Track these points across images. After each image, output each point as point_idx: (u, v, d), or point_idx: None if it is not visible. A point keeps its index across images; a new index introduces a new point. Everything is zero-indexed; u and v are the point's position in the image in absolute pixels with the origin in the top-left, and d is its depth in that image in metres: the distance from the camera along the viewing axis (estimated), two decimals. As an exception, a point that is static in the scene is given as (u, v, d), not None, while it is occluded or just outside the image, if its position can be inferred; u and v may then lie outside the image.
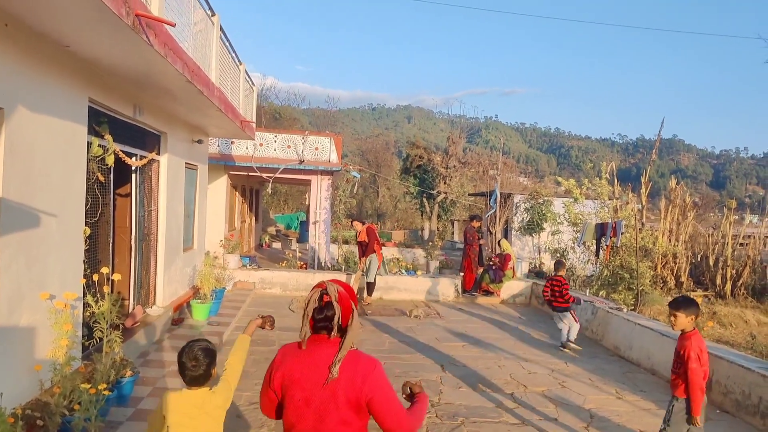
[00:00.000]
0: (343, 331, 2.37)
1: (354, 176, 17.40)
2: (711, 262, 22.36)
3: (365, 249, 12.48)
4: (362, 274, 12.66)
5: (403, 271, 14.51)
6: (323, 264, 15.67)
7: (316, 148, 16.55)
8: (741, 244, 23.68)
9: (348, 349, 2.34)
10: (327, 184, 16.85)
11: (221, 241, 14.92)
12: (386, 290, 13.70)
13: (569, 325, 9.80)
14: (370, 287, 12.69)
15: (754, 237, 24.22)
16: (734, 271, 21.80)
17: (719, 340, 15.04)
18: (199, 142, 11.34)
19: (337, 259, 15.80)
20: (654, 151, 24.46)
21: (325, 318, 2.36)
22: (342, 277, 13.47)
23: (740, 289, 21.49)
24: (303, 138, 16.59)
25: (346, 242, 18.91)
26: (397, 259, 15.70)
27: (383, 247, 16.72)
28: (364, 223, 12.92)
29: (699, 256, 23.38)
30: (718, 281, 21.70)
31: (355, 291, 12.47)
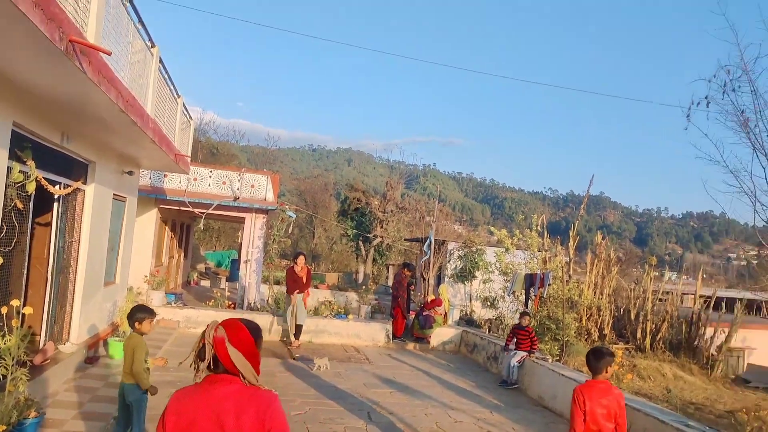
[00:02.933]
0: (236, 371, 2.33)
1: (290, 216, 17.26)
2: (632, 316, 23.17)
3: (298, 285, 12.28)
4: (292, 314, 12.41)
5: (334, 314, 14.35)
6: (252, 304, 15.32)
7: (252, 186, 16.37)
8: (660, 300, 24.68)
9: (247, 385, 2.31)
10: (261, 223, 16.63)
11: (146, 276, 14.40)
12: (316, 333, 13.48)
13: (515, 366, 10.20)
14: (299, 330, 12.47)
15: (672, 293, 25.33)
16: (653, 326, 22.64)
17: (638, 392, 15.50)
18: (130, 173, 11.02)
19: (267, 300, 15.50)
20: (582, 206, 25.46)
21: (204, 360, 2.35)
22: (268, 318, 13.19)
23: (659, 343, 22.32)
24: (239, 175, 16.40)
25: (277, 283, 18.60)
26: (329, 302, 15.52)
27: (314, 289, 16.56)
28: (306, 260, 12.83)
29: (621, 310, 24.19)
30: (639, 335, 22.47)
31: (292, 330, 12.26)
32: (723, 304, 30.10)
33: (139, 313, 5.33)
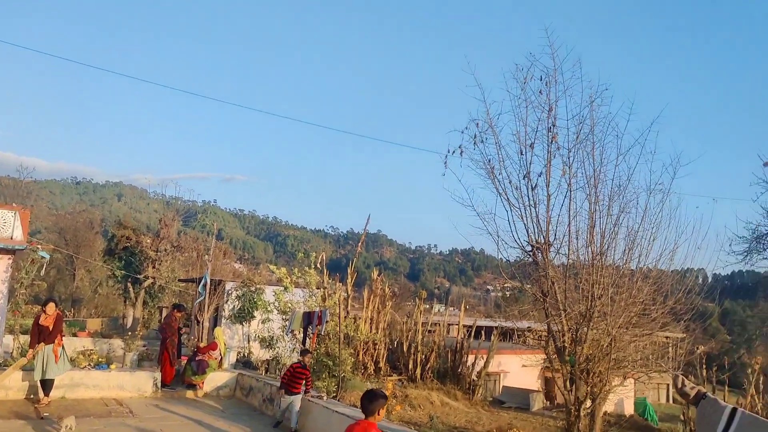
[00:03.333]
0: None
1: (42, 256, 15.40)
2: (405, 348, 24.56)
3: (43, 335, 10.91)
4: (37, 368, 10.96)
5: (94, 365, 13.00)
6: (-7, 359, 13.26)
7: (-4, 223, 14.34)
8: (430, 331, 26.58)
9: None
10: (6, 265, 14.58)
11: None
12: (71, 387, 12.06)
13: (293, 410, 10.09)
14: (48, 386, 11.05)
15: (440, 324, 27.45)
16: (423, 356, 24.23)
17: (409, 421, 16.40)
18: None
19: (12, 353, 13.57)
20: (360, 243, 26.66)
21: None
22: (17, 373, 11.52)
23: (428, 373, 23.92)
24: (-21, 210, 14.27)
25: (25, 332, 16.36)
26: (89, 351, 14.03)
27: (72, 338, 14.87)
28: (57, 306, 11.43)
29: (395, 343, 25.54)
30: (410, 366, 23.87)
31: (4, 381, 10.76)
32: (483, 332, 33.39)
33: None
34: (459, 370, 24.37)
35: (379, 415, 4.74)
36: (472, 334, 27.48)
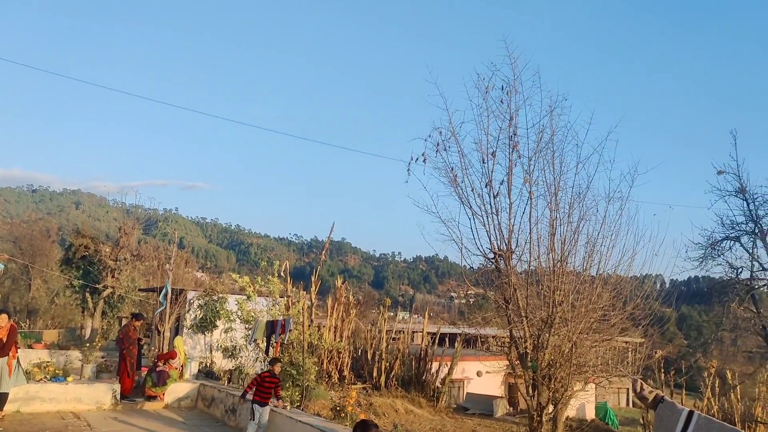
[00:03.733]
0: None
1: (-4, 267, 14.96)
2: (369, 356, 24.48)
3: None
4: None
5: (50, 377, 12.64)
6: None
7: (-53, 232, 13.90)
8: (394, 339, 26.56)
9: None
10: (-42, 275, 14.14)
11: None
12: (26, 401, 11.71)
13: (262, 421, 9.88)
14: (2, 399, 10.70)
15: (404, 332, 27.47)
16: (387, 364, 24.19)
17: (373, 429, 16.34)
18: None
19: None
20: (324, 251, 26.48)
21: None
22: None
23: (392, 381, 23.88)
24: (-71, 219, 13.81)
25: (-22, 345, 15.83)
26: (45, 363, 13.64)
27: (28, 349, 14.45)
28: (10, 318, 11.05)
29: (360, 351, 25.44)
30: (375, 374, 23.80)
31: None
32: (447, 339, 33.55)
33: None
34: (423, 378, 24.41)
35: None
36: (436, 341, 27.55)
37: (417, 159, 11.16)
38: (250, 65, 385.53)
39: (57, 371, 13.06)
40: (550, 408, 10.30)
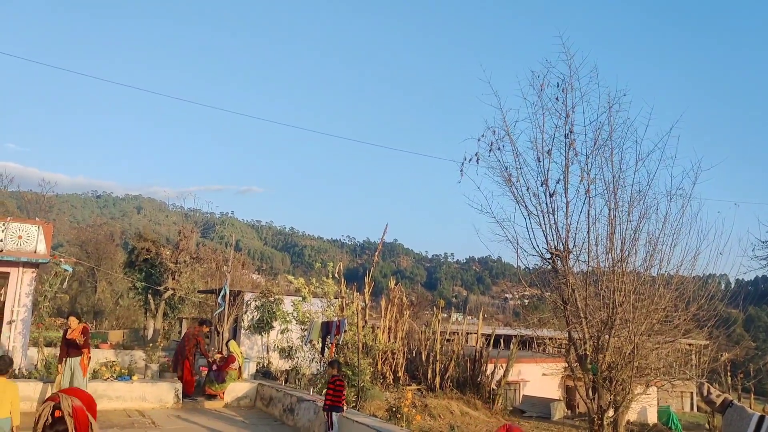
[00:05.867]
0: None
1: (65, 269, 15.62)
2: (423, 358, 24.45)
3: (70, 349, 11.04)
4: (63, 379, 11.09)
5: (116, 376, 13.13)
6: (18, 371, 13.44)
7: (20, 237, 14.58)
8: (448, 340, 26.44)
9: None
10: (30, 278, 14.81)
11: None
12: (95, 399, 12.18)
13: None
14: (75, 397, 11.17)
15: (458, 334, 27.32)
16: (442, 365, 24.10)
17: (429, 431, 16.32)
18: None
19: (36, 365, 13.73)
20: (377, 253, 26.61)
21: None
22: (38, 386, 11.69)
23: (447, 382, 23.78)
24: (3, 224, 14.53)
25: (49, 344, 16.61)
26: (111, 363, 14.18)
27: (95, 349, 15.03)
28: (80, 320, 11.54)
29: (414, 352, 25.43)
30: (429, 375, 23.74)
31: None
32: (501, 341, 33.17)
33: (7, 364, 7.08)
34: (478, 379, 24.20)
35: None
36: (491, 342, 27.27)
37: (470, 159, 11.09)
38: (300, 68, 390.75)
39: (123, 370, 13.54)
40: (611, 412, 10.05)
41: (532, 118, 10.92)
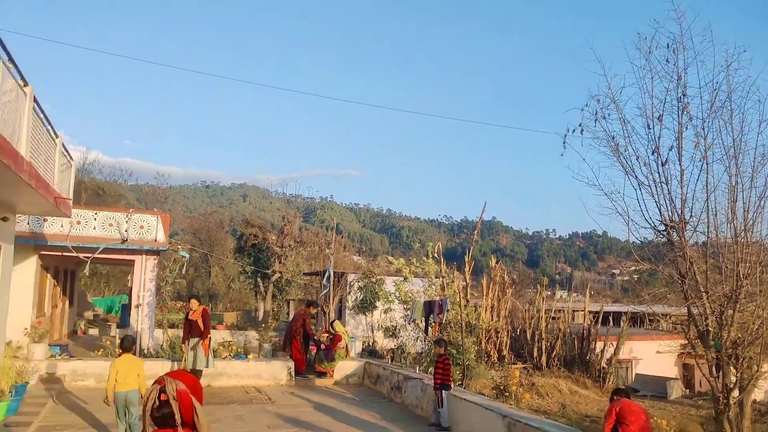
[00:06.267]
0: (192, 425, 2.25)
1: (183, 256, 16.63)
2: (528, 336, 24.07)
3: (192, 329, 11.77)
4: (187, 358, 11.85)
5: (233, 355, 13.88)
6: (146, 351, 14.53)
7: (142, 227, 15.67)
8: (553, 318, 25.86)
9: None
10: (153, 265, 15.91)
11: (26, 329, 13.33)
12: (215, 377, 12.97)
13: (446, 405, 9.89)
14: (197, 375, 11.92)
15: (564, 311, 26.63)
16: (548, 344, 23.63)
17: (537, 409, 16.06)
18: (4, 219, 10.22)
19: (162, 345, 14.76)
20: (476, 232, 26.34)
21: (163, 416, 2.25)
22: (167, 364, 12.57)
23: (554, 360, 23.30)
24: (127, 216, 15.65)
25: (172, 326, 17.79)
26: (228, 343, 15.01)
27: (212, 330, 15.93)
28: (201, 303, 12.29)
29: (518, 330, 25.09)
30: (535, 354, 23.36)
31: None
32: (610, 318, 32.02)
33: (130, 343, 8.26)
34: (587, 358, 23.53)
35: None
36: (599, 320, 26.38)
37: (573, 130, 10.67)
38: (391, 49, 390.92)
39: (239, 350, 14.30)
40: (737, 392, 9.46)
41: (639, 83, 10.32)
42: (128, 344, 8.15)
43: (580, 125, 10.62)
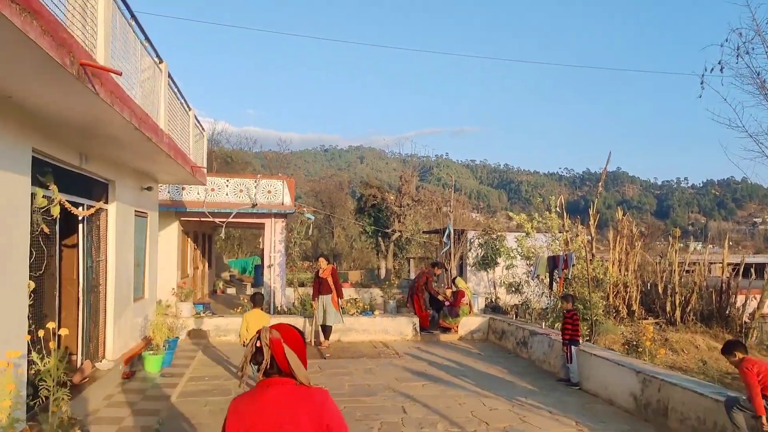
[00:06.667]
0: (289, 373, 2.40)
1: (308, 218, 17.33)
2: (660, 290, 22.91)
3: (322, 287, 12.32)
4: (318, 314, 12.47)
5: (360, 312, 14.41)
6: (279, 308, 15.43)
7: (269, 192, 16.47)
8: (687, 271, 24.39)
9: (299, 385, 2.39)
10: (281, 227, 16.73)
11: (173, 289, 14.57)
12: (344, 332, 13.56)
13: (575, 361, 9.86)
14: (327, 330, 12.53)
15: (699, 264, 25.01)
16: (682, 298, 22.37)
17: (672, 366, 15.36)
18: (149, 189, 11.15)
19: (294, 303, 15.59)
20: (600, 183, 25.19)
21: (258, 363, 2.42)
22: (299, 320, 13.30)
23: (689, 315, 22.05)
24: (255, 182, 16.49)
25: (302, 285, 18.72)
26: (354, 300, 15.59)
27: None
28: (329, 262, 12.83)
29: (648, 285, 23.94)
30: (668, 308, 22.22)
31: (318, 331, 12.38)
32: (752, 270, 29.71)
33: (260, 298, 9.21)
34: (726, 312, 22.05)
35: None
36: (740, 272, 24.52)
37: (712, 69, 9.84)
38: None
39: (365, 306, 14.81)
40: None
41: (789, 10, 9.30)
42: (258, 300, 9.02)
43: (719, 62, 9.77)
